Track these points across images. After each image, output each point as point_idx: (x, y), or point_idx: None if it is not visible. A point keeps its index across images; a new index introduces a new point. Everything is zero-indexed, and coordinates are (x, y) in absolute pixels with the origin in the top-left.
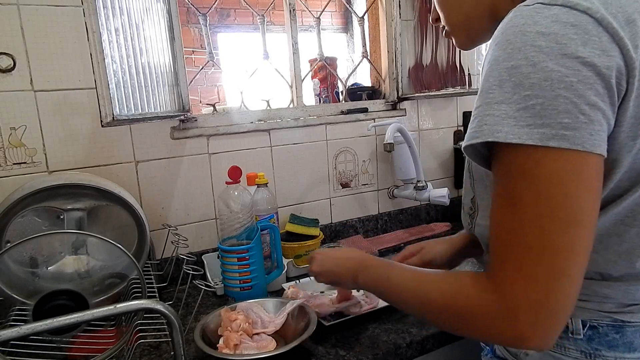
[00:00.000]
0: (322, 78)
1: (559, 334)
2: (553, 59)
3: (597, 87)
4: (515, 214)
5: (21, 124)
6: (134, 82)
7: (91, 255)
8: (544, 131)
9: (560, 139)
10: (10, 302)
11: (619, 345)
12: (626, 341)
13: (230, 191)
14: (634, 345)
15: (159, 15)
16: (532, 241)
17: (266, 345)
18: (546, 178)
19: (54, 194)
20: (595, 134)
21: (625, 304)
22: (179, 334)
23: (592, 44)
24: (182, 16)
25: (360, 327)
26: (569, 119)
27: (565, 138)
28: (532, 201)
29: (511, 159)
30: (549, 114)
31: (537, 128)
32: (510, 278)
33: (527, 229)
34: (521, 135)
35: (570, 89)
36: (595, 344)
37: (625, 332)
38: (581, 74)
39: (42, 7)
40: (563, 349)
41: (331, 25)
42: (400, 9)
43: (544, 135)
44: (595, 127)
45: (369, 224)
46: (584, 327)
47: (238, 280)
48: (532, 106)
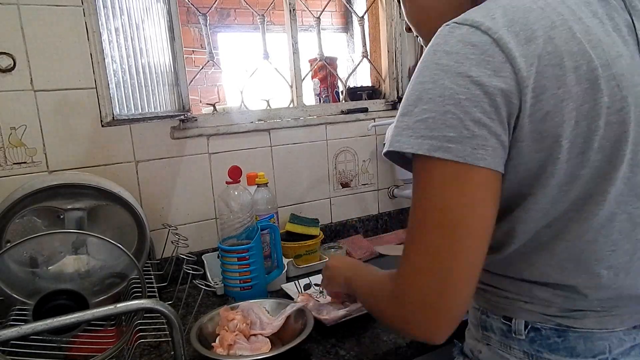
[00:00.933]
0: (322, 78)
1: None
2: (449, 77)
3: (483, 105)
4: (412, 215)
5: (21, 123)
6: (134, 82)
7: (91, 255)
8: (432, 143)
9: (444, 150)
10: (11, 302)
11: (560, 349)
12: (568, 346)
13: (230, 191)
14: (577, 350)
15: (159, 15)
16: (422, 242)
17: (260, 347)
18: (432, 185)
19: (54, 193)
20: (479, 148)
21: (569, 309)
22: (179, 333)
23: (486, 64)
24: (182, 16)
25: (360, 327)
26: (454, 133)
27: (449, 150)
28: (421, 205)
29: (414, 166)
30: (438, 127)
31: (427, 140)
32: (405, 271)
33: (419, 231)
34: (414, 145)
35: (458, 105)
36: (536, 346)
37: (568, 337)
38: (470, 92)
39: (42, 7)
40: (508, 348)
41: (331, 25)
42: (401, 9)
43: (432, 146)
44: (478, 141)
45: (369, 224)
46: (526, 328)
47: (238, 280)
48: (426, 119)
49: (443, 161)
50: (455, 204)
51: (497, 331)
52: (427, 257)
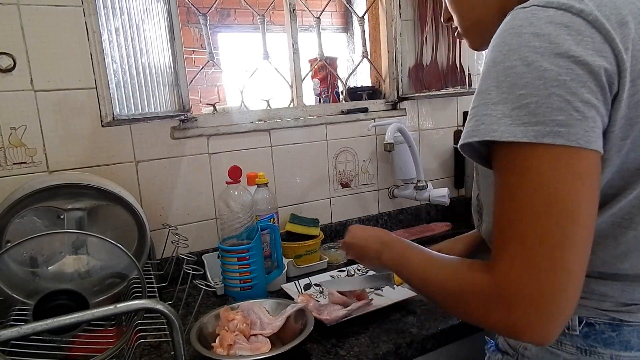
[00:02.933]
0: (322, 78)
1: (560, 331)
2: (547, 58)
3: (590, 85)
4: (513, 208)
5: (21, 123)
6: (134, 82)
7: (91, 255)
8: (539, 129)
9: (554, 135)
10: (11, 302)
11: (615, 343)
12: (623, 340)
13: (230, 191)
14: (631, 344)
15: (159, 15)
16: (529, 233)
17: (259, 347)
18: (541, 173)
19: (54, 193)
20: (590, 130)
21: (624, 302)
22: (179, 333)
23: (585, 44)
24: (182, 16)
25: (360, 327)
26: (562, 116)
27: (560, 135)
28: (528, 196)
29: (508, 156)
30: (543, 111)
31: (532, 126)
32: (507, 266)
33: (524, 222)
34: (516, 133)
35: (564, 86)
36: (591, 341)
37: (622, 331)
38: (574, 72)
39: (42, 7)
40: (559, 343)
41: (331, 25)
42: (401, 9)
43: (539, 132)
44: (589, 123)
45: (369, 224)
46: (580, 323)
47: (238, 280)
48: (527, 105)
49: (552, 147)
50: (568, 191)
51: None
52: (536, 249)
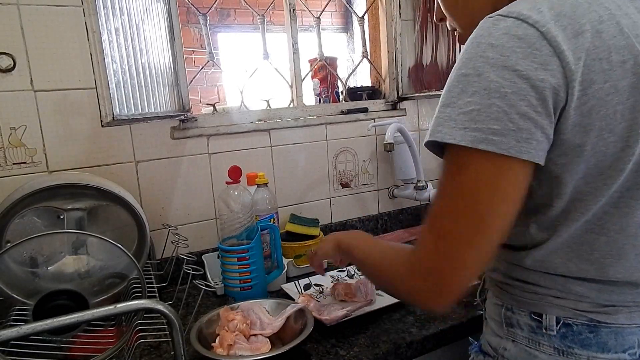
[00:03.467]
0: (322, 78)
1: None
2: (495, 70)
3: (529, 98)
4: (440, 202)
5: (21, 123)
6: (134, 82)
7: (91, 255)
8: (476, 135)
9: (488, 142)
10: (11, 302)
11: (592, 344)
12: (600, 341)
13: (230, 191)
14: (608, 345)
15: (159, 15)
16: (444, 226)
17: (259, 348)
18: (469, 176)
19: (54, 193)
20: (523, 142)
21: (601, 304)
22: (179, 333)
23: (532, 57)
24: (182, 16)
25: (360, 327)
26: (498, 126)
27: (493, 142)
28: (453, 195)
29: (448, 156)
30: (483, 119)
31: (470, 132)
32: (422, 250)
33: (443, 216)
34: (456, 136)
35: (504, 98)
36: (568, 342)
37: (599, 332)
38: (516, 85)
39: (42, 7)
40: (537, 344)
41: (331, 25)
42: (400, 9)
43: (475, 138)
44: (522, 134)
45: (369, 224)
46: (558, 324)
47: (238, 280)
48: (470, 112)
49: (484, 153)
50: (486, 199)
51: (524, 327)
52: (445, 242)
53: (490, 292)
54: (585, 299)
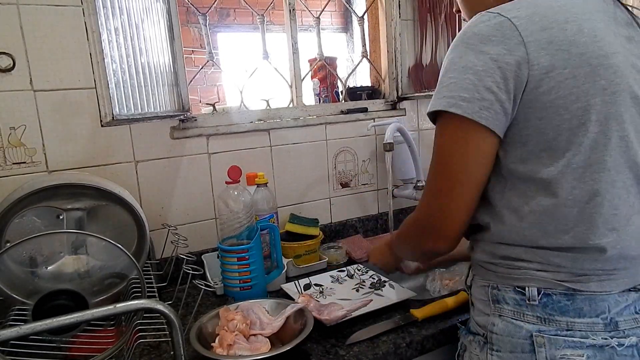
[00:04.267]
0: (321, 78)
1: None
2: (474, 53)
3: (495, 76)
4: (430, 164)
5: (21, 123)
6: (134, 82)
7: (91, 255)
8: (449, 100)
9: (457, 107)
10: (10, 302)
11: (569, 311)
12: (576, 307)
13: (230, 191)
14: (583, 311)
15: (159, 15)
16: (431, 185)
17: (259, 347)
18: (444, 137)
19: (53, 193)
20: (484, 110)
21: (576, 273)
22: (178, 333)
23: (503, 45)
24: (182, 16)
25: (360, 327)
26: (466, 94)
27: (460, 107)
28: (435, 155)
29: (436, 123)
30: (456, 89)
31: (446, 99)
32: (418, 207)
33: (430, 175)
34: (436, 105)
35: (476, 74)
36: (549, 310)
37: (575, 300)
38: (487, 65)
39: (42, 7)
40: (522, 315)
41: (331, 25)
42: (400, 9)
43: (448, 103)
44: (484, 103)
45: (369, 224)
46: (539, 294)
47: (238, 280)
48: (449, 84)
49: (454, 115)
50: (458, 154)
51: (510, 301)
52: (432, 196)
53: (476, 277)
54: (562, 269)
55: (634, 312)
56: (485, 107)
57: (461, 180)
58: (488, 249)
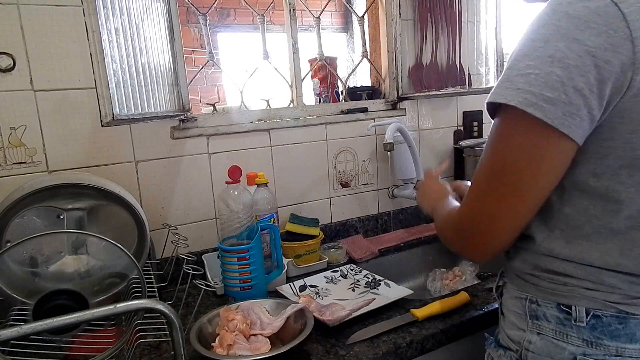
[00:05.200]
0: (322, 78)
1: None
2: (565, 40)
3: (589, 77)
4: (484, 160)
5: (21, 123)
6: (134, 81)
7: (91, 255)
8: (527, 97)
9: (537, 108)
10: (10, 301)
11: (621, 335)
12: (629, 332)
13: (230, 191)
14: (637, 336)
15: (159, 15)
16: (482, 180)
17: (259, 348)
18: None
19: (53, 193)
20: (569, 116)
21: (632, 295)
22: (179, 333)
23: (606, 37)
24: (182, 16)
25: (360, 327)
26: (552, 94)
27: (542, 109)
28: (495, 157)
29: (499, 117)
30: (539, 84)
31: (523, 93)
32: (462, 208)
33: (484, 169)
34: (507, 96)
35: (566, 69)
36: (597, 333)
37: (628, 324)
38: (581, 60)
39: (42, 7)
40: (565, 336)
41: (331, 25)
42: (400, 9)
43: (526, 100)
44: (571, 109)
45: (369, 224)
46: (588, 315)
47: (238, 280)
48: (528, 74)
49: (532, 117)
50: (530, 167)
51: (552, 319)
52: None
53: (509, 285)
54: (617, 290)
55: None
56: (571, 113)
57: (526, 194)
58: (531, 259)
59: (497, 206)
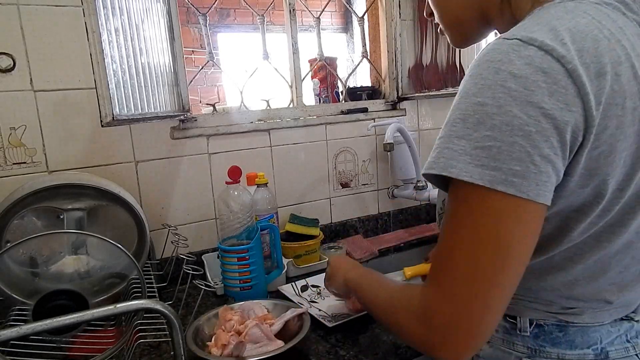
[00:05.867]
0: (322, 78)
1: (472, 354)
2: (518, 104)
3: (552, 141)
4: (454, 239)
5: (21, 123)
6: (134, 82)
7: (91, 255)
8: (495, 174)
9: (508, 184)
10: (10, 302)
11: (561, 342)
12: (568, 339)
13: (230, 191)
14: (575, 343)
15: (159, 15)
16: (461, 266)
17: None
18: (487, 214)
19: (53, 193)
20: (542, 185)
21: (568, 307)
22: (178, 333)
23: (558, 96)
24: (182, 16)
25: (360, 327)
26: (519, 167)
27: (513, 185)
28: (471, 232)
29: (460, 191)
30: (503, 158)
31: (489, 170)
32: (436, 294)
33: (460, 255)
34: (473, 174)
35: (528, 138)
36: (540, 341)
37: (568, 331)
38: (541, 125)
39: (42, 7)
40: (511, 344)
41: (331, 25)
42: (400, 9)
43: (494, 178)
44: (542, 177)
45: (369, 224)
46: (531, 325)
47: (238, 280)
48: (489, 147)
49: (503, 194)
50: (507, 236)
51: (499, 329)
52: (466, 284)
53: None
54: (556, 304)
55: (625, 340)
56: (543, 181)
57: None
58: None
59: (488, 283)
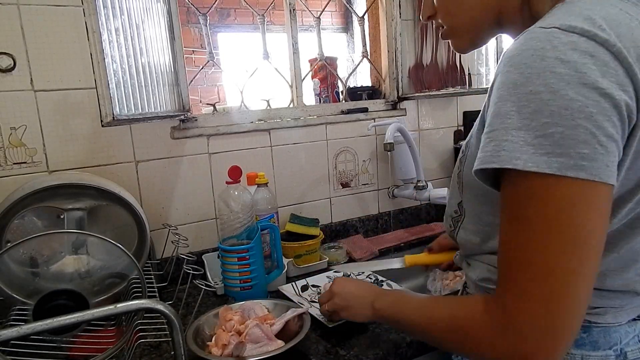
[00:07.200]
0: (322, 78)
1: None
2: (573, 87)
3: (613, 119)
4: (524, 236)
5: (21, 123)
6: (134, 81)
7: (91, 255)
8: (563, 160)
9: (578, 169)
10: (11, 302)
11: (585, 344)
12: (592, 340)
13: (230, 191)
14: (599, 344)
15: (159, 15)
16: (540, 262)
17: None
18: (558, 203)
19: (54, 193)
20: (611, 165)
21: (592, 306)
22: (179, 333)
23: (610, 76)
24: (182, 16)
25: (360, 327)
26: (587, 150)
27: (583, 168)
28: (543, 225)
29: (525, 184)
30: (568, 143)
31: (555, 157)
32: (517, 298)
33: (535, 250)
34: (540, 163)
35: (590, 119)
36: None
37: (591, 332)
38: (600, 105)
39: (42, 7)
40: None
41: (331, 25)
42: (401, 9)
43: (562, 164)
44: (610, 158)
45: (369, 224)
46: None
47: (238, 280)
48: (552, 134)
49: (572, 180)
50: (582, 223)
51: None
52: (548, 279)
53: None
54: None
55: (637, 341)
56: (612, 161)
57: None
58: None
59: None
